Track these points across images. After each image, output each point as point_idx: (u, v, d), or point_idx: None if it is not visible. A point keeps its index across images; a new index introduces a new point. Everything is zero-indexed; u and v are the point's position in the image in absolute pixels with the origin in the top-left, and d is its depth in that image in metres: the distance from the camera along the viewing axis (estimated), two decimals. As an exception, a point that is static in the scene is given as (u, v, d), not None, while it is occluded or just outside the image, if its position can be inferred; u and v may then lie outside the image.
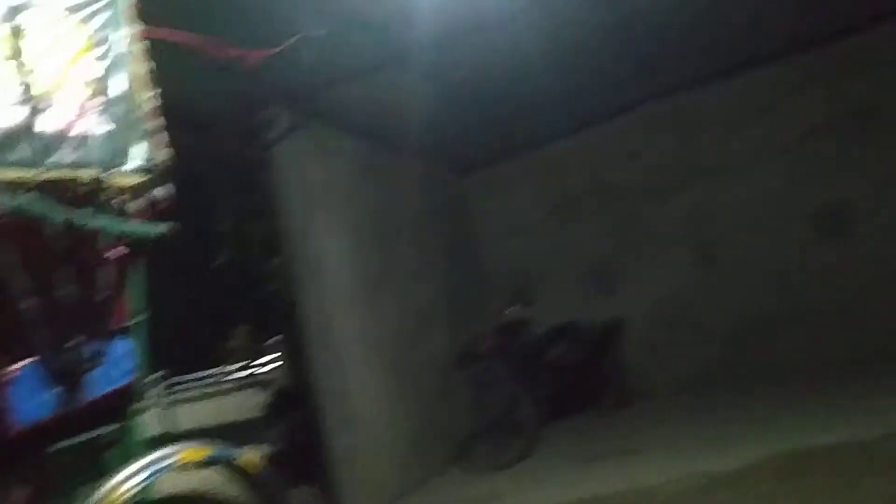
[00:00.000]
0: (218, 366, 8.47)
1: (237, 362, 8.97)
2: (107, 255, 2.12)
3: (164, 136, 2.43)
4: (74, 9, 2.23)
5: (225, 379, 8.36)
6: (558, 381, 6.78)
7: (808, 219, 7.04)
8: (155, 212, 2.34)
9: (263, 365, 7.57)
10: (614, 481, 4.84)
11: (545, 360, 6.82)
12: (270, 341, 7.44)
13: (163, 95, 2.49)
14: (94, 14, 2.28)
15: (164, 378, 7.34)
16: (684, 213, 7.58)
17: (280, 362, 7.18)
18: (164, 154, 2.39)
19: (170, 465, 2.01)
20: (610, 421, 6.78)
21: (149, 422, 2.39)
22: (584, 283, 8.03)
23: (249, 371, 7.67)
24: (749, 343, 7.18)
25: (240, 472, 2.25)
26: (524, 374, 6.26)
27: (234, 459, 2.22)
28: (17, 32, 1.96)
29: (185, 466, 2.09)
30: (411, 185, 7.34)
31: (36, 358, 1.85)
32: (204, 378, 9.81)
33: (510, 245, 8.38)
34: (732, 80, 7.17)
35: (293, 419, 5.94)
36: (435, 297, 7.27)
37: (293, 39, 3.85)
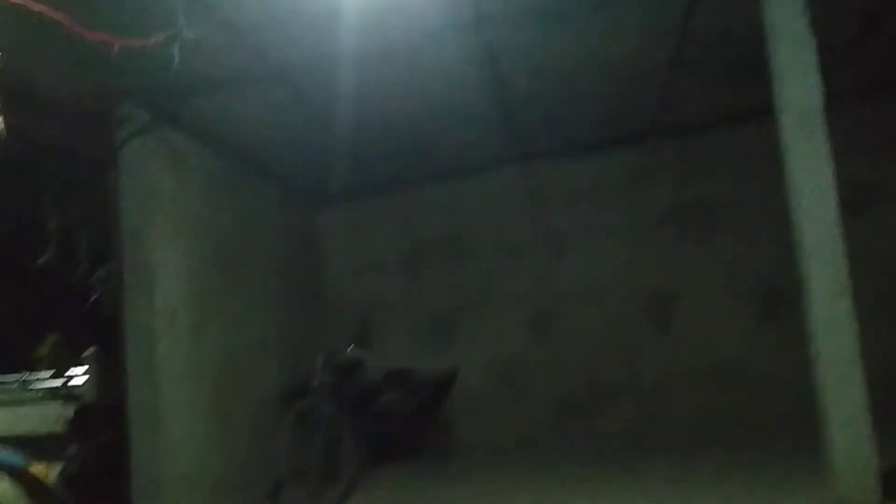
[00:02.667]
0: (21, 372, 7.73)
1: (44, 371, 8.25)
2: None
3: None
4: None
5: (27, 388, 7.64)
6: (386, 428, 6.71)
7: (641, 301, 7.51)
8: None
9: (73, 377, 6.99)
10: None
11: (376, 406, 6.74)
12: (85, 353, 6.88)
13: (7, 66, 2.28)
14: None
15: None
16: (528, 277, 7.86)
17: (91, 376, 6.66)
18: (-5, 126, 2.18)
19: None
20: (432, 472, 6.77)
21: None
22: (425, 332, 8.11)
23: (57, 382, 7.05)
24: (577, 411, 7.50)
25: (27, 483, 2.02)
26: (352, 416, 6.12)
27: (23, 468, 1.99)
28: None
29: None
30: (263, 209, 7.14)
31: None
32: (3, 384, 8.91)
33: (357, 285, 8.38)
34: (594, 157, 7.61)
35: (98, 439, 5.51)
36: (273, 328, 7.03)
37: (163, 36, 3.67)
